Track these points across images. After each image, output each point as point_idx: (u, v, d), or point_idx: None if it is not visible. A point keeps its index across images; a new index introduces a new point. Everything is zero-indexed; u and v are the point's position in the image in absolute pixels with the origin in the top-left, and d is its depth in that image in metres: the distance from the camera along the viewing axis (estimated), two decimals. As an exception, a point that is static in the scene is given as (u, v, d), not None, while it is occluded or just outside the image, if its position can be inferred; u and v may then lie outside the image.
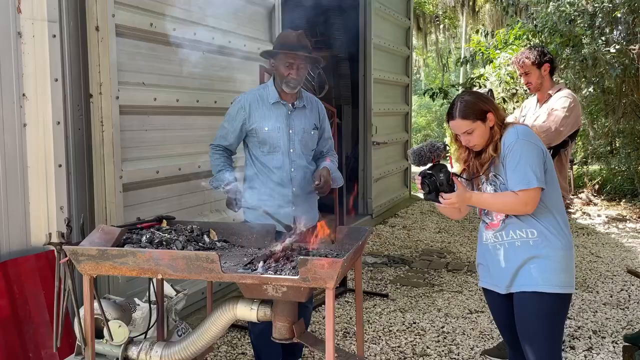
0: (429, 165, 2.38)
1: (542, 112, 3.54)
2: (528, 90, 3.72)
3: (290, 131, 2.99)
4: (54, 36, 3.01)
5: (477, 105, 2.37)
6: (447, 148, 2.41)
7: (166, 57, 3.78)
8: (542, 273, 2.30)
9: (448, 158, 2.42)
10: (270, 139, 2.95)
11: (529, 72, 3.55)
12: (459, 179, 2.38)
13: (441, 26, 19.29)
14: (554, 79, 3.68)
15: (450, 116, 2.41)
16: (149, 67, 3.65)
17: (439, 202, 2.36)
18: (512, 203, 2.30)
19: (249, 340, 3.81)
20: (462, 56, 11.50)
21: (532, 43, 8.46)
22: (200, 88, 4.04)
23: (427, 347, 3.77)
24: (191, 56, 4.00)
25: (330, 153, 3.21)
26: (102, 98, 3.27)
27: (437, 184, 2.32)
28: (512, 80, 9.25)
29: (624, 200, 9.37)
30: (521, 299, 2.35)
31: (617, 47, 7.50)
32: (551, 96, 3.53)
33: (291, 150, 2.98)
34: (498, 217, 2.40)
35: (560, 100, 3.44)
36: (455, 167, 2.50)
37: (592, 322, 4.18)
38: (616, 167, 10.11)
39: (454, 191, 2.31)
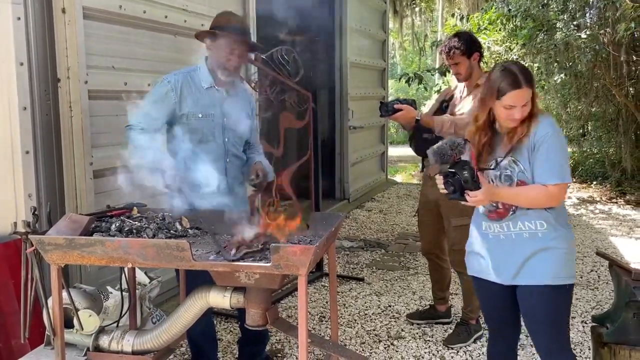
0: (451, 162, 2.25)
1: (466, 102, 3.46)
2: (457, 80, 3.58)
3: (225, 119, 2.81)
4: (19, 19, 2.92)
5: (531, 74, 2.25)
6: (468, 143, 2.29)
7: (136, 40, 3.70)
8: (551, 266, 2.27)
9: (470, 153, 2.29)
10: (204, 126, 2.75)
11: (459, 63, 3.41)
12: (483, 172, 2.27)
13: (417, 9, 19.26)
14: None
15: (516, 85, 2.21)
16: (119, 50, 3.57)
17: (465, 200, 2.25)
18: (542, 196, 2.22)
19: (225, 326, 3.82)
20: (439, 40, 11.52)
21: (506, 27, 8.51)
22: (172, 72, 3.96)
23: (402, 330, 3.81)
24: (162, 39, 3.93)
25: (257, 144, 3.07)
26: (70, 82, 3.19)
27: (462, 182, 2.20)
28: (485, 66, 9.30)
29: (594, 183, 9.56)
30: (529, 292, 2.30)
31: (589, 32, 7.60)
32: (479, 86, 3.38)
33: (226, 140, 2.82)
34: (506, 206, 2.31)
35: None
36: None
37: (562, 302, 4.28)
38: (588, 150, 10.30)
39: (480, 188, 2.21)
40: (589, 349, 3.35)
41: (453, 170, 2.23)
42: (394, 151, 13.38)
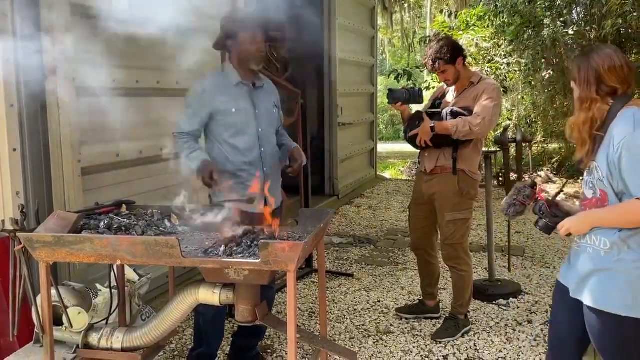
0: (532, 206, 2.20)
1: (461, 99, 3.55)
2: (446, 85, 3.68)
3: (256, 111, 2.98)
4: (5, 15, 2.89)
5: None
6: (534, 185, 2.23)
7: (124, 37, 3.67)
8: (616, 293, 1.99)
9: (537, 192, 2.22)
10: (238, 120, 2.92)
11: (445, 71, 3.51)
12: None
13: (406, 5, 19.28)
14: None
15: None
16: (107, 47, 3.55)
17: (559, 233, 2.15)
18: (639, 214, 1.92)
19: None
20: (427, 36, 11.55)
21: (494, 24, 8.56)
22: (160, 69, 3.95)
23: (391, 325, 3.84)
24: (150, 36, 3.90)
25: (284, 131, 3.24)
26: (58, 79, 3.16)
27: (550, 223, 2.15)
28: (474, 62, 9.35)
29: (581, 178, 9.63)
30: (593, 315, 2.06)
31: (575, 28, 7.66)
32: (473, 84, 3.52)
33: (259, 130, 2.98)
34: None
35: (488, 90, 3.45)
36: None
37: (548, 296, 4.32)
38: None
39: (564, 217, 2.09)
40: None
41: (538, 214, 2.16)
42: (383, 147, 13.39)
